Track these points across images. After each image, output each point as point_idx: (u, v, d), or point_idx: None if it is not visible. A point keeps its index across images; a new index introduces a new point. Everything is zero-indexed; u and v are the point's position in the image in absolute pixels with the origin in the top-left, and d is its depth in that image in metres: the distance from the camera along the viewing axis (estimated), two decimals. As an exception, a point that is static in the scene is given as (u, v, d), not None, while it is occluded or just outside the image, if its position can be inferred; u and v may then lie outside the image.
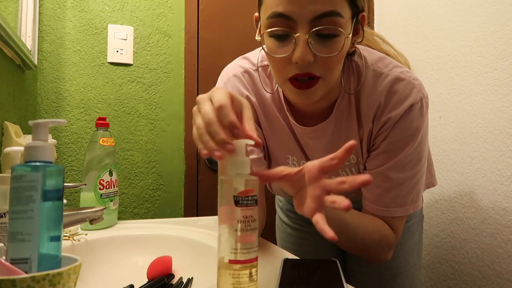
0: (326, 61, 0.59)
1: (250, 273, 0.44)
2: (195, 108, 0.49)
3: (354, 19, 0.61)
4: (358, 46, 0.71)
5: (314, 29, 0.56)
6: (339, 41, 0.58)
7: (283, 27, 0.58)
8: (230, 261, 0.43)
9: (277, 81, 0.66)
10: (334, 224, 0.65)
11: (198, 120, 0.46)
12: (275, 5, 0.57)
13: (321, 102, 0.68)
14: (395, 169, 0.68)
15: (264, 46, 0.63)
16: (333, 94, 0.69)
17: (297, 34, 0.57)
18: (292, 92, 0.62)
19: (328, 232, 0.44)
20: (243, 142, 0.45)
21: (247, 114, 0.48)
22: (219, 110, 0.44)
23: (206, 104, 0.46)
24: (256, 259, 0.45)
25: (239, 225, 0.44)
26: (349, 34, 0.59)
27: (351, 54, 0.70)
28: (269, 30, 0.59)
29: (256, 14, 0.66)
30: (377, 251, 0.73)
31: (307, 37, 0.56)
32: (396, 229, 0.73)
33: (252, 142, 0.45)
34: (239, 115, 0.48)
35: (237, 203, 0.44)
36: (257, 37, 0.65)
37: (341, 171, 0.76)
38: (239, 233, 0.43)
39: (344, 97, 0.70)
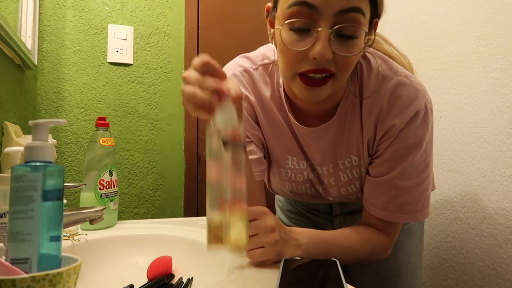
0: (343, 60, 0.58)
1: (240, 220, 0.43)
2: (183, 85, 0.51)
3: (371, 23, 0.60)
4: None
5: (337, 26, 0.55)
6: (359, 41, 0.57)
7: (306, 19, 0.56)
8: (220, 204, 0.43)
9: (285, 76, 0.64)
10: (318, 252, 0.65)
11: (188, 84, 0.49)
12: None
13: (325, 102, 0.67)
14: (401, 177, 0.68)
15: (271, 38, 0.62)
16: (337, 95, 0.69)
17: (320, 29, 0.55)
18: (300, 88, 0.60)
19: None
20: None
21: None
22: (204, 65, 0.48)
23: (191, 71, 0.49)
24: (244, 204, 0.44)
25: (229, 167, 0.43)
26: (368, 36, 0.59)
27: None
28: (289, 21, 0.57)
29: (269, 4, 0.64)
30: (372, 258, 0.73)
31: (329, 32, 0.55)
32: (393, 232, 0.73)
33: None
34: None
35: (225, 144, 0.44)
36: (270, 32, 0.64)
37: (342, 173, 0.75)
38: (229, 172, 0.43)
39: (349, 99, 0.69)
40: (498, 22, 1.06)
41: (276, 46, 0.65)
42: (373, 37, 0.64)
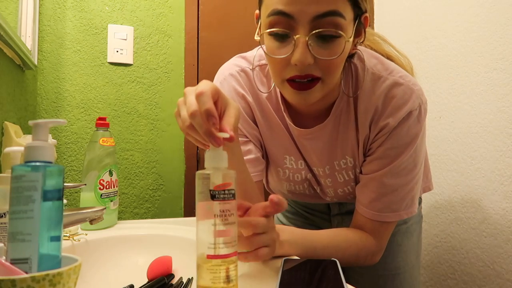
0: (326, 63, 0.58)
1: (228, 268, 0.43)
2: (181, 99, 0.49)
3: (357, 21, 0.60)
4: (358, 47, 0.70)
5: (314, 31, 0.55)
6: (340, 43, 0.57)
7: (283, 27, 0.57)
8: (208, 256, 0.42)
9: (275, 82, 0.65)
10: (300, 249, 0.63)
11: (183, 112, 0.48)
12: (276, 2, 0.56)
13: (319, 103, 0.67)
14: (389, 175, 0.68)
15: (263, 45, 0.62)
16: (331, 95, 0.69)
17: (297, 36, 0.56)
18: (290, 93, 0.62)
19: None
20: (221, 135, 0.45)
21: (231, 111, 0.49)
22: (198, 97, 0.45)
23: (191, 96, 0.47)
24: (235, 253, 0.44)
25: (216, 219, 0.43)
26: (350, 37, 0.58)
27: (351, 56, 0.69)
28: (268, 30, 0.58)
29: (257, 11, 0.65)
30: (359, 262, 0.72)
31: (307, 39, 0.55)
32: (381, 235, 0.72)
33: (226, 135, 0.45)
34: (223, 111, 0.50)
35: (213, 197, 0.43)
36: (256, 37, 0.64)
37: (338, 174, 0.76)
38: (216, 228, 0.43)
39: (343, 99, 0.69)
40: (498, 22, 1.06)
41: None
42: (363, 34, 0.63)
